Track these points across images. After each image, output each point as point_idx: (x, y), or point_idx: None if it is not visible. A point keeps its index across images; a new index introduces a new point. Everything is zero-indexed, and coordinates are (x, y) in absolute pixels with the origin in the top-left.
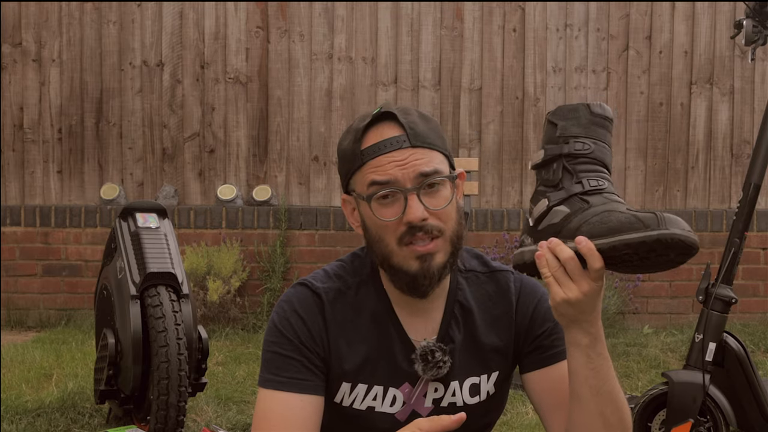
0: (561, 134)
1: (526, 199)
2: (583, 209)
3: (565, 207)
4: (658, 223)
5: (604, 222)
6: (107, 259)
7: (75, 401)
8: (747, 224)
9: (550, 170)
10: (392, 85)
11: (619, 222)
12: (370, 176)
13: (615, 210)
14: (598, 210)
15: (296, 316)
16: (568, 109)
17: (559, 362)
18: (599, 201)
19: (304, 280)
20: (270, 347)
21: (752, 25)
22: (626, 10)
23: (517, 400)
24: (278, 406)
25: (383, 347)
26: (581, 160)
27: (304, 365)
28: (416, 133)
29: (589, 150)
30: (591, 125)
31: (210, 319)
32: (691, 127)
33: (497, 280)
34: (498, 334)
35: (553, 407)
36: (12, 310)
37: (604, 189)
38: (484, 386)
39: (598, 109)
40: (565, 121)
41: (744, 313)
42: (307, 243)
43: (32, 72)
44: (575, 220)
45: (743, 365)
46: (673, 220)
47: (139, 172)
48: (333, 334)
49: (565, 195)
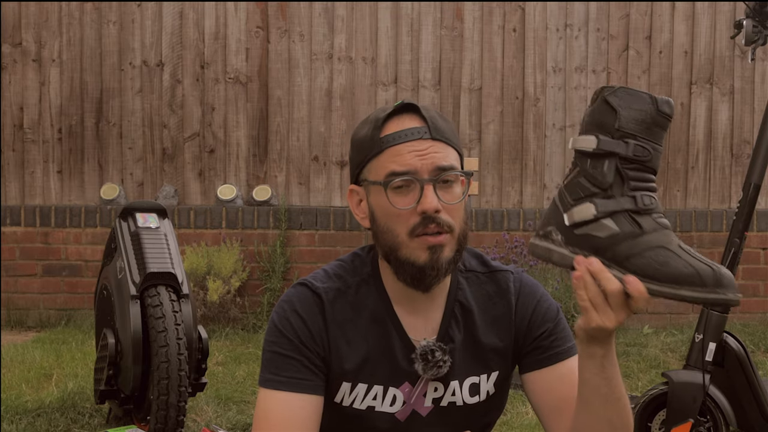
0: (620, 128)
1: (526, 199)
2: (635, 235)
3: (614, 224)
4: (715, 283)
5: (661, 265)
6: (107, 259)
7: (75, 401)
8: (747, 224)
9: (599, 167)
10: (392, 85)
11: (678, 272)
12: (387, 164)
13: (670, 249)
14: (652, 243)
15: (296, 316)
16: (632, 96)
17: (558, 363)
18: (651, 226)
19: (304, 280)
20: (270, 347)
21: (752, 25)
22: (626, 10)
23: (517, 400)
24: (278, 405)
25: (383, 347)
26: (636, 166)
27: (304, 365)
28: (436, 127)
29: (648, 158)
30: (654, 126)
31: (210, 319)
32: (691, 127)
33: (497, 281)
34: (498, 334)
35: (552, 408)
36: (12, 310)
37: (654, 209)
38: (484, 386)
39: (666, 107)
40: (628, 111)
41: (744, 313)
42: (307, 243)
43: (32, 72)
44: (624, 245)
45: (743, 365)
46: (728, 280)
47: (139, 172)
48: (333, 333)
49: (615, 207)
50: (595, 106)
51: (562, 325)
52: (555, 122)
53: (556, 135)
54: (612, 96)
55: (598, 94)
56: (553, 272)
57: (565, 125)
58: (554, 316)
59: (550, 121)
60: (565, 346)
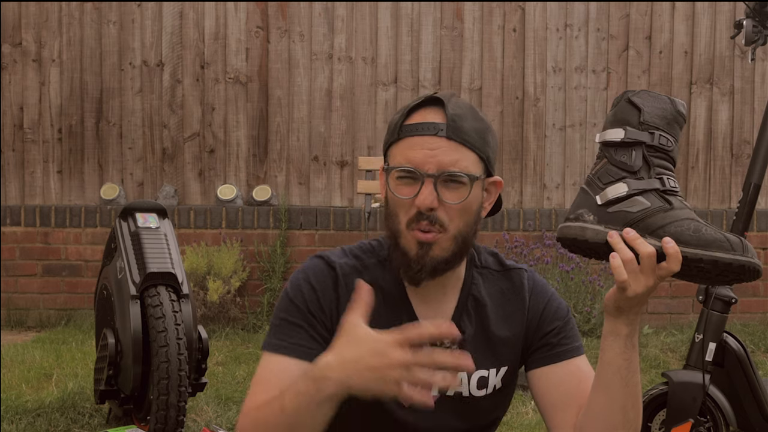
0: (645, 121)
1: (526, 199)
2: (665, 209)
3: (645, 200)
4: (743, 250)
5: (695, 232)
6: (107, 259)
7: (75, 401)
8: (747, 224)
9: (627, 154)
10: (392, 85)
11: (712, 238)
12: (401, 153)
13: (699, 221)
14: (682, 216)
15: (308, 286)
16: (653, 97)
17: (564, 360)
18: (679, 204)
19: (321, 253)
20: (279, 314)
21: (752, 25)
22: (626, 10)
23: (517, 400)
24: (278, 369)
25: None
26: (660, 155)
27: (310, 334)
28: (456, 127)
29: (671, 148)
30: (673, 122)
31: (210, 319)
32: (691, 127)
33: (511, 278)
34: (510, 329)
35: (556, 404)
36: (12, 310)
37: (678, 192)
38: (492, 380)
39: (681, 108)
40: (651, 108)
41: (744, 313)
42: (307, 243)
43: (32, 72)
44: (657, 217)
45: (743, 365)
46: (751, 249)
47: (139, 172)
48: (343, 307)
49: (646, 186)
50: (618, 107)
51: (571, 325)
52: (555, 122)
53: (556, 135)
54: (635, 97)
55: (621, 97)
56: (553, 272)
57: (565, 125)
58: (564, 315)
59: (550, 121)
60: (572, 344)
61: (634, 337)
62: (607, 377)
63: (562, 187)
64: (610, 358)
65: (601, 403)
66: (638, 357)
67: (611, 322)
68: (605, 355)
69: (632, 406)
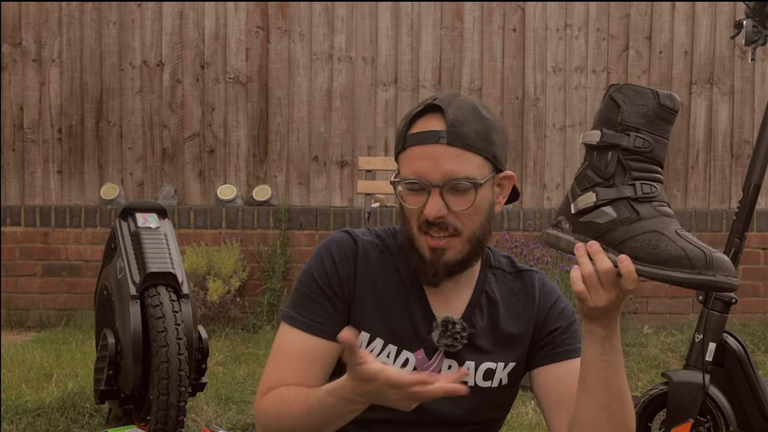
0: (622, 121)
1: (526, 199)
2: (631, 220)
3: (613, 210)
4: (706, 266)
5: (653, 248)
6: (107, 259)
7: (75, 401)
8: (747, 224)
9: (603, 158)
10: (392, 85)
11: (668, 254)
12: (406, 163)
13: (664, 234)
14: (647, 227)
15: (330, 261)
16: (636, 92)
17: (567, 360)
18: (648, 213)
19: (347, 228)
20: (300, 287)
21: (752, 25)
22: (626, 10)
23: (517, 400)
24: (295, 343)
25: (405, 310)
26: (638, 157)
27: (327, 311)
28: (457, 132)
29: (648, 149)
30: (656, 119)
31: (210, 319)
32: (691, 127)
33: (523, 279)
34: (519, 326)
35: (555, 401)
36: (12, 310)
37: (655, 197)
38: (499, 373)
39: (668, 101)
40: (630, 105)
41: (744, 313)
42: (307, 243)
43: (32, 72)
44: (621, 230)
45: (743, 365)
46: (719, 263)
47: (139, 172)
48: (361, 280)
49: (615, 195)
50: (603, 103)
51: (576, 327)
52: (555, 122)
53: (556, 135)
54: (617, 92)
55: (606, 92)
56: (553, 272)
57: (565, 125)
58: (569, 316)
59: (550, 121)
60: (575, 345)
61: (612, 339)
62: (585, 378)
63: (562, 187)
64: (588, 358)
65: (582, 403)
66: (622, 359)
67: (585, 323)
68: (584, 356)
69: (618, 407)
